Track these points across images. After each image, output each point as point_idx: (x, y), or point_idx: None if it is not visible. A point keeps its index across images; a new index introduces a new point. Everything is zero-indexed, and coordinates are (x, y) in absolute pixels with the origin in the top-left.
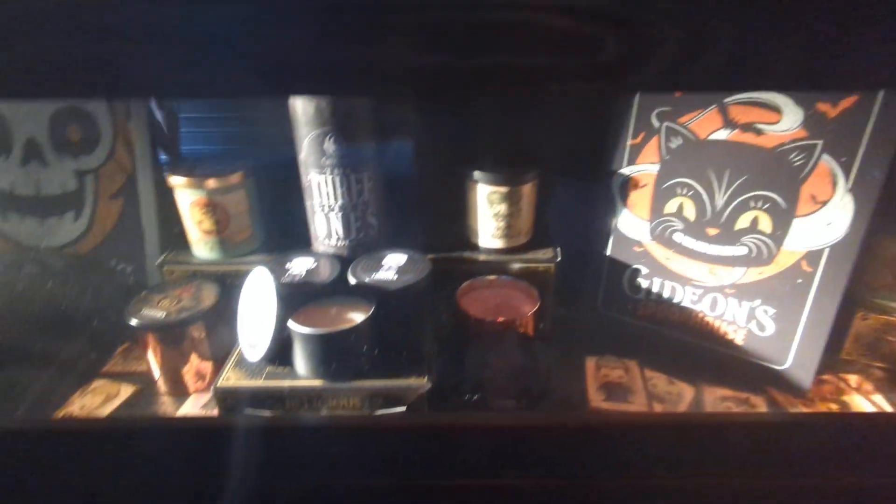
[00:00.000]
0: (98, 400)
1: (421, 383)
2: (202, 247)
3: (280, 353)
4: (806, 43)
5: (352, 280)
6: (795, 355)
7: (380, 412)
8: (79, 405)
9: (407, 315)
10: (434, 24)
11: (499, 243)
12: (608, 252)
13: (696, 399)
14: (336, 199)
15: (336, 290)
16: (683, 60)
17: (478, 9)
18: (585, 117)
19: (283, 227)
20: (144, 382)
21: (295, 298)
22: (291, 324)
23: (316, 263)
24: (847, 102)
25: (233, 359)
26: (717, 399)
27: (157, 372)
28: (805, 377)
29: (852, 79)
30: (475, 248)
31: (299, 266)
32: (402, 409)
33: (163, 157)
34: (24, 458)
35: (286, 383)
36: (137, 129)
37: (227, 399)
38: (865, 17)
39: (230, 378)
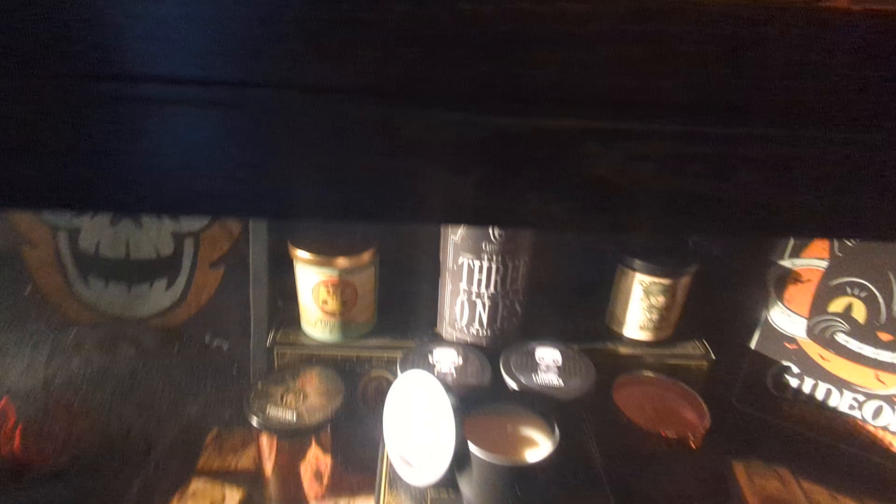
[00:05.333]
0: None
1: None
2: (320, 327)
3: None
4: None
5: (511, 383)
6: None
7: None
8: None
9: (575, 426)
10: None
11: (645, 335)
12: (752, 345)
13: None
14: (489, 286)
15: (495, 396)
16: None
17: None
18: None
19: (400, 309)
20: (250, 484)
21: (459, 409)
22: (476, 450)
23: (462, 358)
24: None
25: (383, 480)
26: None
27: (271, 477)
28: None
29: None
30: (618, 338)
31: (446, 361)
32: None
33: None
34: None
35: None
36: None
37: None
38: None
39: None
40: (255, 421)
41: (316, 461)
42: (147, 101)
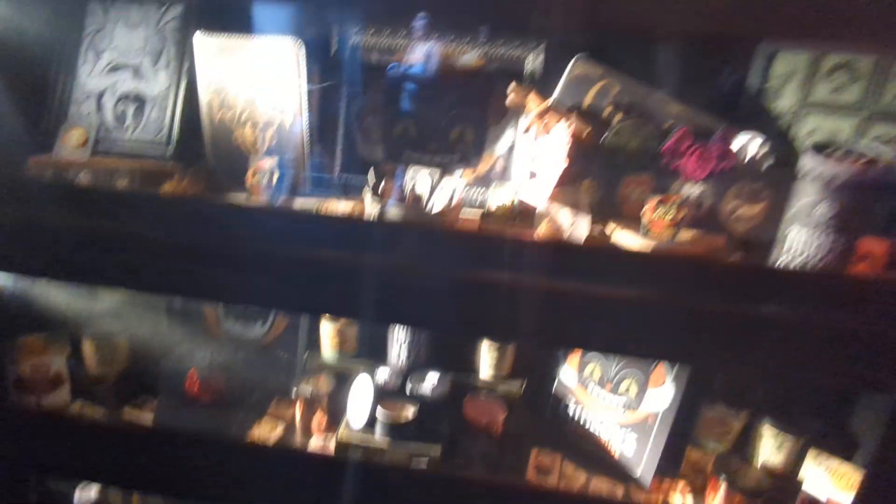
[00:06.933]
0: (267, 429)
1: (437, 449)
2: (329, 353)
3: (370, 422)
4: None
5: (408, 389)
6: (643, 467)
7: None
8: (257, 431)
9: (436, 410)
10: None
11: (491, 374)
12: (554, 389)
13: (587, 483)
14: (405, 355)
15: (398, 394)
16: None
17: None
18: None
19: (372, 349)
20: (288, 423)
21: (380, 396)
22: (379, 411)
23: (390, 375)
24: None
25: (344, 422)
26: (599, 483)
27: (299, 419)
28: (647, 480)
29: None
30: (477, 374)
31: (381, 376)
32: (425, 462)
33: None
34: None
35: (373, 441)
36: None
37: (343, 445)
38: None
39: (343, 435)
40: (293, 392)
41: (320, 417)
42: None
